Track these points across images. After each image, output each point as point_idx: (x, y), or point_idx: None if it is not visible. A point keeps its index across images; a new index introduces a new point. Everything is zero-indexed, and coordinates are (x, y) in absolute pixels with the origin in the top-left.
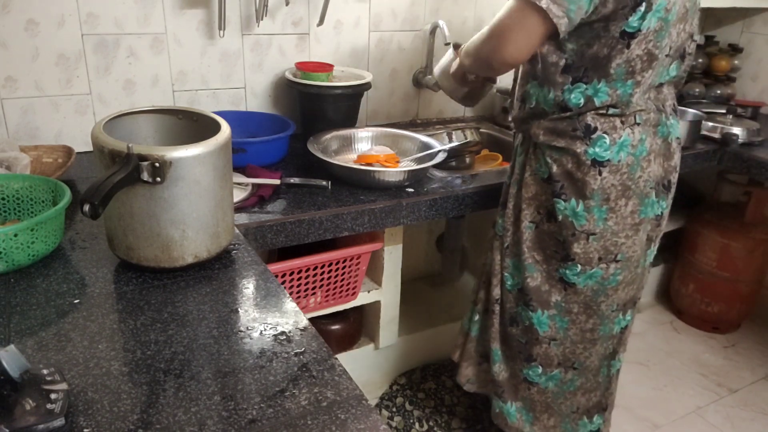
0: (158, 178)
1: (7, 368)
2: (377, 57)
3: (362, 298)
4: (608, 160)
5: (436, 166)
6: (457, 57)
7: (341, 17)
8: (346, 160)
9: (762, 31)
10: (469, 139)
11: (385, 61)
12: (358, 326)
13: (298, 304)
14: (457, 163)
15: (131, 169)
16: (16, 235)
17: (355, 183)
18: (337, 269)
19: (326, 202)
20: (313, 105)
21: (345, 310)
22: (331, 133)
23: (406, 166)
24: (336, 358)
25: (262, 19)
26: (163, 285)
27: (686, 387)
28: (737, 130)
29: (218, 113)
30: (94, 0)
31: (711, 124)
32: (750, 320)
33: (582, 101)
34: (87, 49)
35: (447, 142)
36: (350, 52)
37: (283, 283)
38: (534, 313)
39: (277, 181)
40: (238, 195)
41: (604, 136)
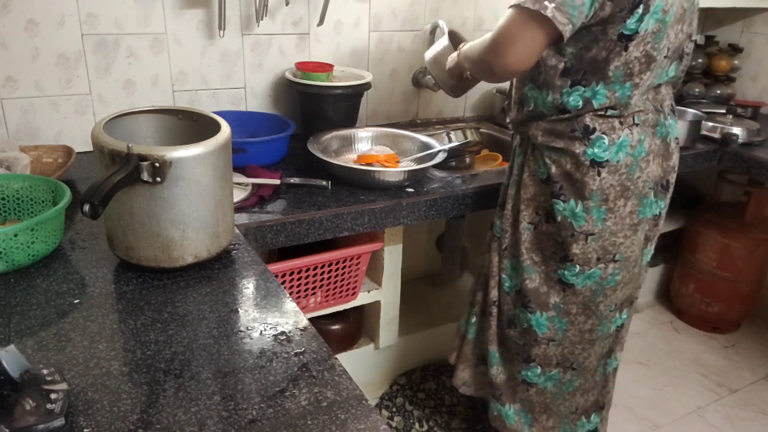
0: (158, 178)
1: (7, 368)
2: (377, 57)
3: (362, 298)
4: (607, 161)
5: (436, 166)
6: (454, 51)
7: (341, 17)
8: (346, 160)
9: (762, 31)
10: (469, 139)
11: (385, 61)
12: (358, 326)
13: (298, 304)
14: (457, 163)
15: (131, 169)
16: (16, 235)
17: (355, 183)
18: (337, 269)
19: (326, 202)
20: (313, 105)
21: (345, 310)
22: (331, 133)
23: (406, 166)
24: (336, 358)
25: (262, 19)
26: (163, 285)
27: (686, 387)
28: (737, 130)
29: (218, 113)
30: (94, 0)
31: (711, 124)
32: (750, 320)
33: (580, 103)
34: (87, 49)
35: (447, 142)
36: (350, 52)
37: (283, 283)
38: (533, 315)
39: (277, 181)
40: (238, 195)
41: (603, 136)
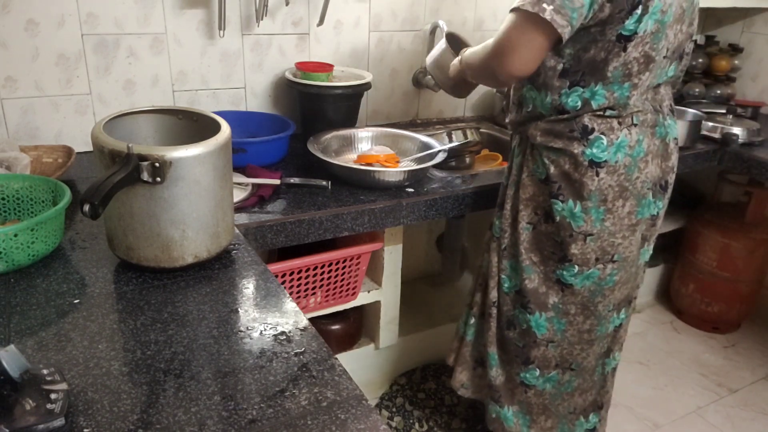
0: (158, 178)
1: (7, 368)
2: (377, 57)
3: (362, 298)
4: (605, 161)
5: (436, 166)
6: (452, 53)
7: (341, 17)
8: (346, 160)
9: (762, 31)
10: (469, 139)
11: (385, 61)
12: (358, 326)
13: (298, 304)
14: (457, 163)
15: (131, 169)
16: (16, 235)
17: (355, 183)
18: (337, 269)
19: (326, 202)
20: (313, 105)
21: (345, 310)
22: (331, 133)
23: (406, 166)
24: (336, 358)
25: (262, 19)
26: (163, 285)
27: (686, 387)
28: (737, 130)
29: (218, 113)
30: (94, 0)
31: (711, 124)
32: (750, 320)
33: (579, 104)
34: (87, 49)
35: (447, 142)
36: (350, 52)
37: (283, 283)
38: (532, 316)
39: (277, 181)
40: (238, 195)
41: (602, 137)
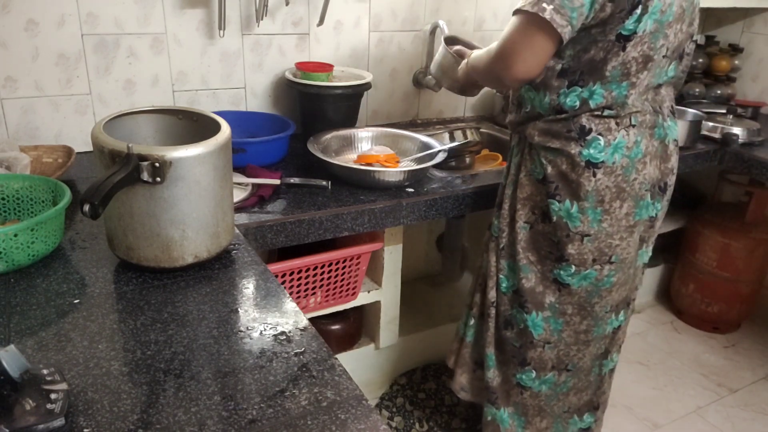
0: (158, 178)
1: (7, 368)
2: (377, 57)
3: (362, 298)
4: (602, 162)
5: (436, 166)
6: (451, 54)
7: (341, 17)
8: (346, 160)
9: (762, 31)
10: (469, 139)
11: (385, 61)
12: (358, 326)
13: (298, 304)
14: (457, 163)
15: (131, 169)
16: (16, 235)
17: (355, 183)
18: (337, 269)
19: (326, 202)
20: (313, 105)
21: (345, 310)
22: (331, 133)
23: (406, 166)
24: (336, 358)
25: (262, 19)
26: (163, 285)
27: (686, 387)
28: (737, 130)
29: (218, 113)
30: (94, 0)
31: (711, 124)
32: (750, 320)
33: (577, 104)
34: (87, 49)
35: (447, 142)
36: (350, 52)
37: (283, 283)
38: (529, 315)
39: (277, 181)
40: (238, 195)
41: (599, 137)
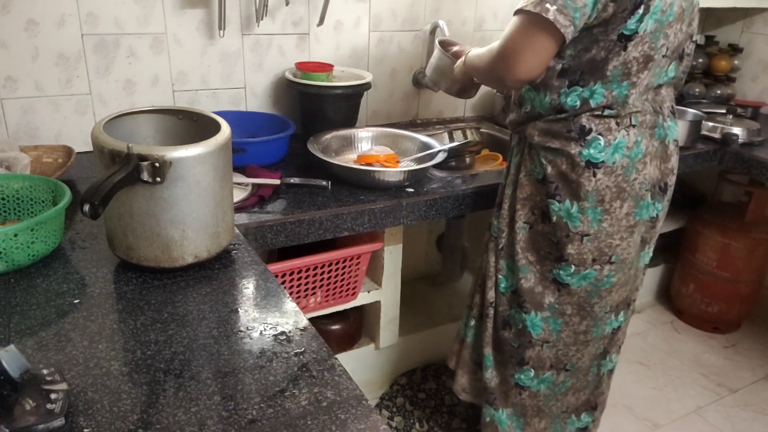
0: (158, 178)
1: (7, 368)
2: (377, 57)
3: (362, 298)
4: (603, 162)
5: (436, 166)
6: (446, 56)
7: (341, 17)
8: (346, 160)
9: (762, 31)
10: (469, 139)
11: (385, 61)
12: (358, 326)
13: (298, 304)
14: (457, 163)
15: (131, 169)
16: (16, 235)
17: (355, 183)
18: (337, 269)
19: (326, 202)
20: (313, 105)
21: (345, 310)
22: (331, 133)
23: (406, 166)
24: (336, 358)
25: (262, 19)
26: (163, 285)
27: (686, 387)
28: (737, 130)
29: (218, 113)
30: (94, 0)
31: (711, 124)
32: (750, 320)
33: (578, 103)
34: (87, 49)
35: (447, 142)
36: (350, 52)
37: (283, 283)
38: (527, 315)
39: (277, 181)
40: (238, 195)
41: (599, 137)
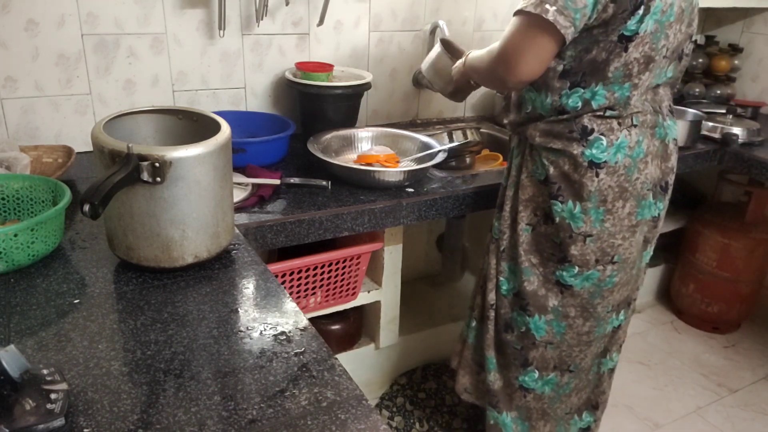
0: (158, 178)
1: (7, 368)
2: (377, 57)
3: (362, 298)
4: (605, 162)
5: (436, 166)
6: (447, 57)
7: (341, 17)
8: (346, 160)
9: (762, 31)
10: (469, 139)
11: (385, 61)
12: (358, 326)
13: (298, 304)
14: (457, 163)
15: (131, 169)
16: (16, 235)
17: (355, 183)
18: (337, 269)
19: (326, 202)
20: (313, 105)
21: (345, 310)
22: (331, 133)
23: (406, 166)
24: (336, 358)
25: (262, 19)
26: (163, 285)
27: (686, 387)
28: (737, 130)
29: (218, 113)
30: (94, 0)
31: (711, 124)
32: (750, 320)
33: (580, 105)
34: (87, 49)
35: (447, 142)
36: (350, 52)
37: (283, 283)
38: (531, 318)
39: (277, 181)
40: (238, 195)
41: (601, 137)
